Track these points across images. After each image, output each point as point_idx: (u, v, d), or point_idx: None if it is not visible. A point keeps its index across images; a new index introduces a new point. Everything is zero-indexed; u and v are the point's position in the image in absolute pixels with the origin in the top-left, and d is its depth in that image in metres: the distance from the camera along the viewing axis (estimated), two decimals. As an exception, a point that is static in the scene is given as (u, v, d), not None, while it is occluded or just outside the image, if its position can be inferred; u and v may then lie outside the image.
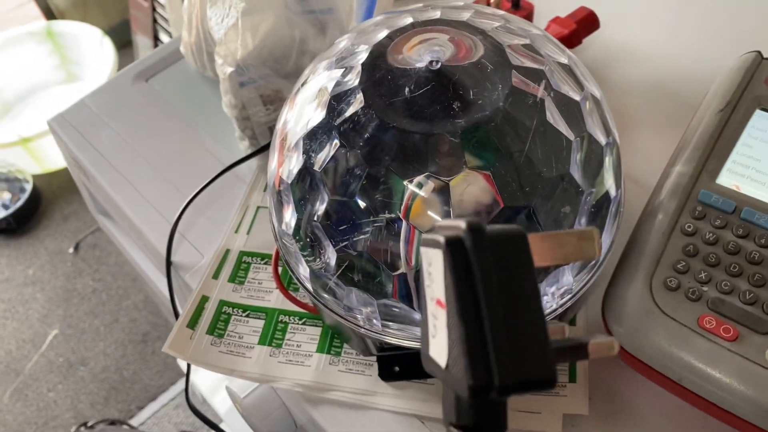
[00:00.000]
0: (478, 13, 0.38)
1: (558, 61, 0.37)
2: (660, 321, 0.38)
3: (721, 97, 0.44)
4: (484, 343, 0.20)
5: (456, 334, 0.20)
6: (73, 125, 0.62)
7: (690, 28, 0.61)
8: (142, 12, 1.50)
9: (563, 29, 0.55)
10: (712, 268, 0.39)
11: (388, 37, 0.37)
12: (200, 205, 0.54)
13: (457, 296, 0.20)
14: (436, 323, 0.22)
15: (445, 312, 0.21)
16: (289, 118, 0.39)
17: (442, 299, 0.21)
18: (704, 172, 0.42)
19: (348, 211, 0.35)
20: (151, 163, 0.58)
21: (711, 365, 0.36)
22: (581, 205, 0.36)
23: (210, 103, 0.61)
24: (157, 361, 1.38)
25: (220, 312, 0.48)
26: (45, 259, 1.58)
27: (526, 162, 0.34)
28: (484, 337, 0.20)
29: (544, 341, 0.20)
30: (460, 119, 0.34)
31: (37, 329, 1.46)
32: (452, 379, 0.21)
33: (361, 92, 0.35)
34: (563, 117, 0.35)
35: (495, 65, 0.35)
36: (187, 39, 0.60)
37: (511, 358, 0.20)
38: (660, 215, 0.41)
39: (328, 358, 0.45)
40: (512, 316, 0.20)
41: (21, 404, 1.35)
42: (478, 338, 0.20)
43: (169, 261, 0.51)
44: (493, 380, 0.19)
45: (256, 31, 0.49)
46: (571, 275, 0.37)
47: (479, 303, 0.20)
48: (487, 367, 0.20)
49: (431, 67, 0.35)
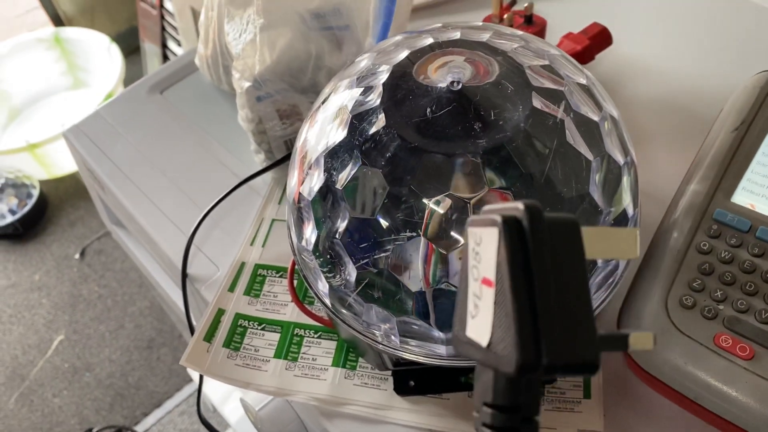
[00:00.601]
0: (498, 34, 0.39)
1: (577, 82, 0.37)
2: (676, 339, 0.38)
3: (736, 115, 0.44)
4: (535, 321, 0.20)
5: (506, 310, 0.20)
6: (88, 136, 0.62)
7: (702, 45, 0.61)
8: (150, 20, 1.51)
9: (576, 45, 0.55)
10: (727, 286, 0.39)
11: (409, 58, 0.37)
12: (215, 217, 0.54)
13: (511, 274, 0.20)
14: (478, 303, 0.22)
15: (493, 290, 0.21)
16: (310, 135, 0.39)
17: (491, 278, 0.21)
18: (719, 191, 0.42)
19: (369, 229, 0.35)
20: (166, 175, 0.58)
21: (727, 384, 0.37)
22: (600, 224, 0.36)
23: (225, 116, 0.61)
24: (162, 367, 1.38)
25: (236, 325, 0.48)
26: (51, 265, 1.58)
27: (547, 182, 0.34)
28: (536, 315, 0.20)
29: (592, 326, 0.20)
30: (481, 139, 0.34)
31: (43, 335, 1.46)
32: (495, 357, 0.21)
33: (383, 112, 0.35)
34: (583, 137, 0.35)
35: (515, 86, 0.35)
36: (203, 52, 0.60)
37: (560, 339, 0.20)
38: (675, 233, 0.41)
39: (343, 371, 0.45)
40: (563, 299, 0.20)
41: (26, 410, 1.35)
42: (529, 316, 0.20)
43: (185, 273, 0.52)
44: (542, 358, 0.20)
45: (274, 47, 0.50)
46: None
47: (533, 282, 0.20)
48: (536, 345, 0.20)
49: (452, 88, 0.35)
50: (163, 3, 1.44)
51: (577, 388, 0.43)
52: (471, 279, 0.23)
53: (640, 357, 0.39)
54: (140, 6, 1.55)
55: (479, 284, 0.22)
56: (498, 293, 0.21)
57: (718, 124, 0.45)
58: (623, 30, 0.59)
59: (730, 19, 0.63)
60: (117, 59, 1.68)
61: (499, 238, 0.21)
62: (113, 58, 1.69)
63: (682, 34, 0.63)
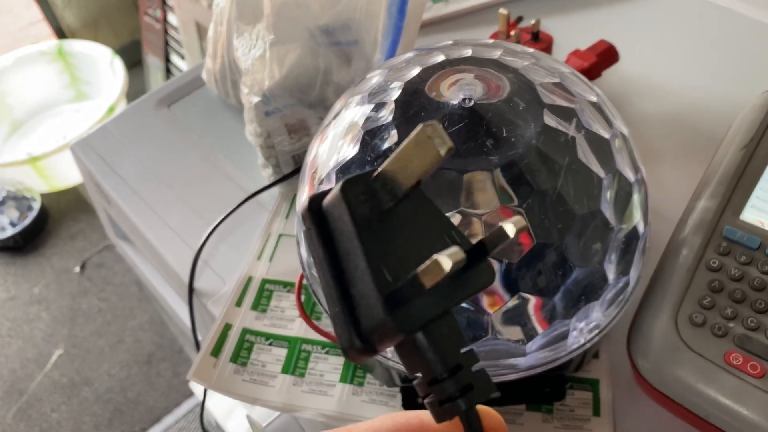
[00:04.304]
0: (509, 51, 0.39)
1: (588, 99, 0.37)
2: (686, 356, 0.38)
3: (744, 133, 0.44)
4: (338, 311, 0.20)
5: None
6: (95, 149, 0.63)
7: (709, 63, 0.62)
8: (154, 34, 1.51)
9: (583, 62, 0.56)
10: (738, 304, 0.39)
11: (420, 75, 0.38)
12: (222, 232, 0.54)
13: (320, 273, 0.20)
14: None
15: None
16: (321, 151, 0.39)
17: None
18: (728, 208, 0.42)
19: (381, 244, 0.35)
20: (173, 189, 0.58)
21: (738, 402, 0.37)
22: (611, 241, 0.36)
23: (232, 130, 0.62)
24: (161, 382, 1.38)
25: (243, 340, 0.48)
26: (51, 278, 1.58)
27: (558, 199, 0.34)
28: (336, 306, 0.20)
29: (370, 287, 0.19)
30: (493, 156, 0.34)
31: (42, 349, 1.45)
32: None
33: (396, 128, 0.35)
34: (594, 155, 0.36)
35: (527, 103, 0.36)
36: (210, 66, 0.61)
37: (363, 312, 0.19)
38: (685, 250, 0.41)
39: (351, 388, 0.45)
40: (348, 275, 0.19)
41: (24, 425, 1.34)
42: (333, 309, 0.20)
43: (192, 288, 0.52)
44: (353, 338, 0.19)
45: (283, 62, 0.50)
46: (601, 311, 0.37)
47: (333, 266, 0.20)
48: (345, 327, 0.19)
49: (464, 105, 0.35)
50: (166, 17, 1.45)
51: (587, 405, 0.43)
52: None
53: (651, 374, 0.39)
54: (144, 20, 1.55)
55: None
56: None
57: (726, 141, 0.46)
58: (629, 47, 0.59)
59: (737, 37, 0.64)
60: (120, 73, 1.68)
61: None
62: (116, 72, 1.69)
63: (688, 51, 0.63)
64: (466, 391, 0.19)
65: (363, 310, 0.19)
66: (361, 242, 0.19)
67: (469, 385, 0.19)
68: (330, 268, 0.20)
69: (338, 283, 0.19)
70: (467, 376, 0.19)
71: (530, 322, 0.36)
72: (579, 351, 0.38)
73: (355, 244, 0.19)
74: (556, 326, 0.36)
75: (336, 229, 0.20)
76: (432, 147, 0.18)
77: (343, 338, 0.19)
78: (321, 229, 0.20)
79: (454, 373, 0.19)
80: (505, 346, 0.37)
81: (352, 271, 0.19)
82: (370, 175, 0.20)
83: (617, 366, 0.44)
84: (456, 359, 0.19)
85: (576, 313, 0.36)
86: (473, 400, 0.19)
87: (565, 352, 0.38)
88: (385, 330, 0.19)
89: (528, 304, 0.36)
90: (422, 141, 0.18)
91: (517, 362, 0.37)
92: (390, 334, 0.19)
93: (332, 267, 0.20)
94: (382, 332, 0.19)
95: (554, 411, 0.43)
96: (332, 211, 0.20)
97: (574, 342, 0.38)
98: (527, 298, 0.35)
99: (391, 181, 0.20)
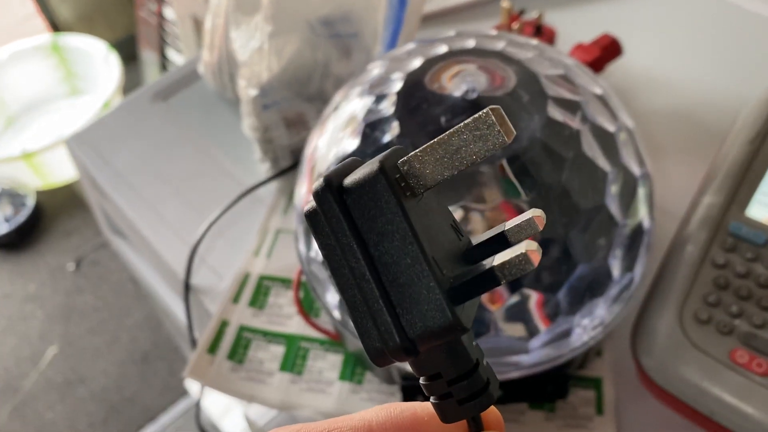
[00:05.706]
0: (513, 43, 0.38)
1: (593, 92, 0.37)
2: (691, 354, 0.38)
3: (750, 127, 0.44)
4: (369, 308, 0.17)
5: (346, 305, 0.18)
6: (90, 144, 0.62)
7: (714, 57, 0.61)
8: (149, 28, 1.50)
9: (586, 56, 0.55)
10: (743, 301, 0.38)
11: (423, 66, 0.37)
12: (218, 227, 0.53)
13: (331, 268, 0.18)
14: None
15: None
16: (320, 144, 0.38)
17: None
18: (734, 204, 0.41)
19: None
20: (169, 184, 0.57)
21: (743, 400, 0.36)
22: (616, 236, 0.35)
23: (229, 124, 0.61)
24: (157, 381, 1.36)
25: (240, 337, 0.47)
26: (46, 275, 1.57)
27: (563, 193, 0.34)
28: (367, 302, 0.17)
29: (429, 284, 0.17)
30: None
31: (37, 347, 1.44)
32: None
33: (397, 120, 0.35)
34: (599, 148, 0.35)
35: (531, 95, 0.35)
36: (207, 59, 0.60)
37: (405, 313, 0.17)
38: (690, 246, 0.41)
39: (350, 386, 0.44)
40: (391, 269, 0.17)
41: (19, 424, 1.33)
42: (361, 306, 0.17)
43: (188, 285, 0.51)
44: (388, 343, 0.17)
45: (281, 54, 0.49)
46: (605, 307, 0.36)
47: (353, 269, 0.17)
48: (378, 330, 0.17)
49: (467, 97, 0.34)
50: (162, 11, 1.44)
51: (590, 404, 0.42)
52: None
53: (655, 372, 0.39)
54: (139, 14, 1.54)
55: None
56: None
57: (731, 136, 0.45)
58: (633, 41, 0.59)
59: (741, 31, 0.63)
60: (115, 67, 1.67)
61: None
62: (111, 66, 1.68)
63: (693, 45, 0.63)
64: (486, 387, 0.18)
65: (412, 307, 0.17)
66: (412, 229, 0.17)
67: (488, 382, 0.18)
68: (364, 258, 0.17)
69: (375, 276, 0.17)
70: (486, 371, 0.18)
71: (533, 319, 0.35)
72: (582, 348, 0.38)
73: (401, 231, 0.17)
74: (560, 323, 0.36)
75: (364, 214, 0.17)
76: (494, 133, 0.16)
77: (378, 340, 0.17)
78: (345, 212, 0.17)
79: (475, 370, 0.18)
80: (507, 343, 0.36)
81: (390, 263, 0.17)
82: (403, 154, 0.17)
83: (621, 364, 0.43)
84: (476, 354, 0.18)
85: (580, 310, 0.35)
86: (493, 397, 0.18)
87: (568, 349, 0.37)
88: (444, 330, 0.17)
89: (531, 301, 0.35)
90: (482, 126, 0.16)
91: (519, 360, 0.37)
92: (446, 334, 0.17)
93: (366, 257, 0.17)
94: (439, 332, 0.17)
95: (557, 409, 0.42)
96: (361, 192, 0.17)
97: (578, 339, 0.37)
98: (530, 294, 0.35)
99: (423, 167, 0.17)
